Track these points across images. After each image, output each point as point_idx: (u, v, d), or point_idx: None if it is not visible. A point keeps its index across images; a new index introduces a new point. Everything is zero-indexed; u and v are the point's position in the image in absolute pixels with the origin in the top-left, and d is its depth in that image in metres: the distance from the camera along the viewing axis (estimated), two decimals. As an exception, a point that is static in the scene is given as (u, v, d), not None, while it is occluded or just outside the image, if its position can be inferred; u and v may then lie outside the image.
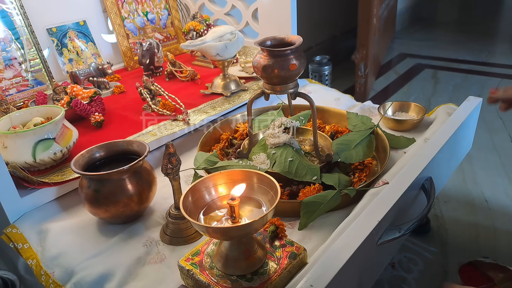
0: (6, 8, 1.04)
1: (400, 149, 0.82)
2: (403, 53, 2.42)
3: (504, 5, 3.43)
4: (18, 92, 1.04)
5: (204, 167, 0.73)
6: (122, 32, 1.28)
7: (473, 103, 0.86)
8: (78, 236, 0.66)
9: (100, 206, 0.64)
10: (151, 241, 0.64)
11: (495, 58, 2.26)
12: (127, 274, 0.58)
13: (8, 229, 0.67)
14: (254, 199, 0.53)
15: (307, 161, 0.73)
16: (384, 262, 0.71)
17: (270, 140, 0.74)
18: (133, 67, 1.29)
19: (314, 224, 0.64)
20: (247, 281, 0.50)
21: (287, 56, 0.62)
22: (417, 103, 0.94)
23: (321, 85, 1.19)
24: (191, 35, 1.29)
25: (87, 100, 0.94)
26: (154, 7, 1.37)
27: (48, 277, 0.60)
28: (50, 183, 0.70)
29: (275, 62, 0.62)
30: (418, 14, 3.15)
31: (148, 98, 0.94)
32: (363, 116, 0.87)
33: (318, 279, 0.47)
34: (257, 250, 0.52)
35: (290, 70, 0.63)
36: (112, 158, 0.70)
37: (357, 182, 0.71)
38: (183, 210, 0.47)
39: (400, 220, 0.64)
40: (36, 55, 1.08)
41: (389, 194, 0.60)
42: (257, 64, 0.64)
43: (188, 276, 0.53)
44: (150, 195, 0.68)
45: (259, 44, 0.65)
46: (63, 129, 0.76)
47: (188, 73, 1.15)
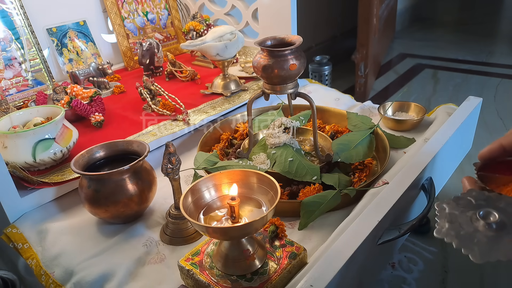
0: (6, 8, 1.04)
1: (400, 149, 0.82)
2: (403, 53, 2.42)
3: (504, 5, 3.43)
4: (18, 92, 1.04)
5: (204, 167, 0.73)
6: (122, 32, 1.28)
7: (473, 103, 0.86)
8: (78, 236, 0.66)
9: (100, 206, 0.64)
10: (151, 241, 0.64)
11: (495, 58, 2.26)
12: (127, 274, 0.58)
13: (8, 229, 0.67)
14: (254, 199, 0.53)
15: (307, 161, 0.73)
16: (384, 262, 0.71)
17: (270, 140, 0.74)
18: (133, 67, 1.29)
19: (314, 224, 0.64)
20: (247, 281, 0.50)
21: (287, 56, 0.62)
22: (417, 103, 0.94)
23: (321, 85, 1.19)
24: (191, 35, 1.29)
25: (87, 100, 0.94)
26: (154, 7, 1.37)
27: (48, 277, 0.60)
28: (50, 183, 0.70)
29: (275, 62, 0.62)
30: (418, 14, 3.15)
31: (148, 98, 0.94)
32: (363, 116, 0.87)
33: (318, 279, 0.47)
34: (257, 250, 0.52)
35: (290, 70, 0.63)
36: (112, 158, 0.70)
37: (357, 182, 0.71)
38: (183, 210, 0.47)
39: (400, 220, 0.64)
40: (36, 55, 1.08)
41: (389, 194, 0.60)
42: (257, 64, 0.64)
43: (188, 276, 0.53)
44: (150, 195, 0.68)
45: (259, 44, 0.65)
46: (63, 129, 0.76)
47: (188, 73, 1.15)
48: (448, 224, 0.41)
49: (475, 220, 0.40)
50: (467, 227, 0.40)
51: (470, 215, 0.41)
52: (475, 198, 0.43)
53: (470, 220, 0.41)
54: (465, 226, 0.40)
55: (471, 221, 0.40)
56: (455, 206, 0.42)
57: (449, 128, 0.78)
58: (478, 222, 0.40)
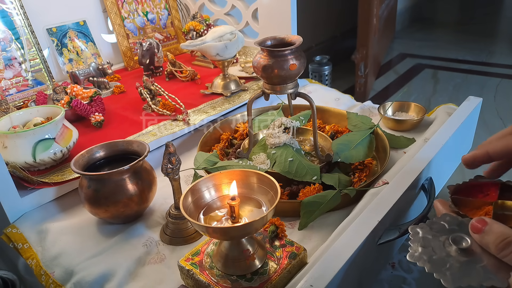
0: (6, 8, 1.04)
1: (400, 149, 0.82)
2: (403, 53, 2.42)
3: (504, 5, 3.43)
4: (18, 92, 1.04)
5: (204, 167, 0.73)
6: (122, 32, 1.28)
7: (473, 103, 0.86)
8: (78, 236, 0.66)
9: (100, 206, 0.64)
10: (151, 241, 0.64)
11: (495, 58, 2.26)
12: (127, 274, 0.58)
13: (8, 229, 0.67)
14: (254, 199, 0.53)
15: (307, 161, 0.73)
16: (384, 262, 0.71)
17: (270, 140, 0.75)
18: (133, 67, 1.29)
19: (314, 224, 0.64)
20: (247, 281, 0.50)
21: (287, 56, 0.62)
22: (417, 103, 0.94)
23: (321, 85, 1.19)
24: (191, 35, 1.29)
25: (87, 100, 0.94)
26: (154, 7, 1.37)
27: (48, 277, 0.60)
28: (50, 183, 0.70)
29: (275, 62, 0.62)
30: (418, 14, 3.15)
31: (148, 98, 0.94)
32: (363, 116, 0.87)
33: (318, 279, 0.47)
34: (257, 250, 0.52)
35: (290, 70, 0.63)
36: (112, 158, 0.70)
37: (357, 182, 0.71)
38: (183, 210, 0.47)
39: (400, 220, 0.64)
40: (36, 55, 1.08)
41: (389, 194, 0.60)
42: (257, 64, 0.64)
43: (188, 276, 0.53)
44: (150, 195, 0.68)
45: (259, 44, 0.65)
46: (63, 129, 0.76)
47: (188, 73, 1.15)
48: (421, 248, 0.41)
49: (447, 245, 0.41)
50: (439, 251, 0.41)
51: (443, 240, 0.42)
52: (449, 223, 0.44)
53: (443, 245, 0.41)
54: (437, 250, 0.41)
55: (444, 246, 0.41)
56: (429, 231, 0.43)
57: (449, 128, 0.78)
58: (450, 247, 0.41)
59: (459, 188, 0.53)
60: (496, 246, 0.38)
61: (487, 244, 0.39)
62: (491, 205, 0.50)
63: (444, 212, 0.47)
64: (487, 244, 0.39)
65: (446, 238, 0.42)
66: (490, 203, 0.50)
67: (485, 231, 0.39)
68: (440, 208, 0.49)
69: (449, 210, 0.48)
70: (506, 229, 0.38)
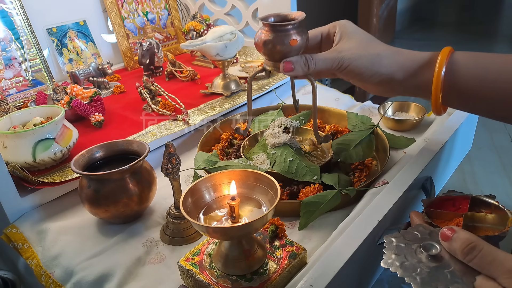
0: (6, 8, 1.04)
1: (400, 149, 0.82)
2: (403, 53, 2.42)
3: (504, 5, 3.43)
4: (18, 92, 1.04)
5: (204, 167, 0.73)
6: (122, 32, 1.28)
7: (473, 103, 0.86)
8: (78, 236, 0.66)
9: (100, 206, 0.64)
10: (151, 241, 0.64)
11: (495, 58, 2.26)
12: (127, 274, 0.58)
13: (8, 229, 0.67)
14: (254, 199, 0.53)
15: (307, 161, 0.72)
16: (384, 262, 0.71)
17: (270, 140, 0.74)
18: (133, 67, 1.29)
19: (314, 224, 0.64)
20: (247, 281, 0.50)
21: (289, 31, 0.61)
22: (417, 103, 0.94)
23: (321, 85, 1.19)
24: (191, 35, 1.29)
25: (87, 100, 0.94)
26: (154, 7, 1.37)
27: (48, 277, 0.60)
28: (50, 183, 0.70)
29: (275, 37, 0.61)
30: (418, 14, 3.15)
31: (148, 98, 0.94)
32: (363, 116, 0.87)
33: (318, 279, 0.47)
34: (257, 250, 0.52)
35: (290, 45, 0.61)
36: (112, 158, 0.70)
37: (357, 182, 0.71)
38: (183, 210, 0.47)
39: (400, 220, 0.64)
40: (36, 55, 1.08)
41: (389, 194, 0.60)
42: (258, 40, 0.62)
43: (188, 276, 0.53)
44: (150, 195, 0.68)
45: (261, 19, 0.63)
46: (63, 129, 0.76)
47: (188, 73, 1.15)
48: (394, 255, 0.45)
49: (419, 252, 0.45)
50: (411, 258, 0.44)
51: (415, 247, 0.46)
52: (421, 232, 0.48)
53: (414, 252, 0.45)
54: (409, 257, 0.44)
55: (416, 253, 0.45)
56: (402, 239, 0.47)
57: (449, 128, 0.78)
58: (421, 254, 0.44)
59: (433, 202, 0.59)
60: (462, 251, 0.41)
61: (455, 250, 0.42)
62: (462, 217, 0.54)
63: (419, 223, 0.51)
64: (454, 250, 0.42)
65: (418, 246, 0.45)
66: (461, 215, 0.54)
67: (452, 238, 0.42)
68: (415, 219, 0.53)
69: (423, 221, 0.52)
70: (471, 236, 0.41)
